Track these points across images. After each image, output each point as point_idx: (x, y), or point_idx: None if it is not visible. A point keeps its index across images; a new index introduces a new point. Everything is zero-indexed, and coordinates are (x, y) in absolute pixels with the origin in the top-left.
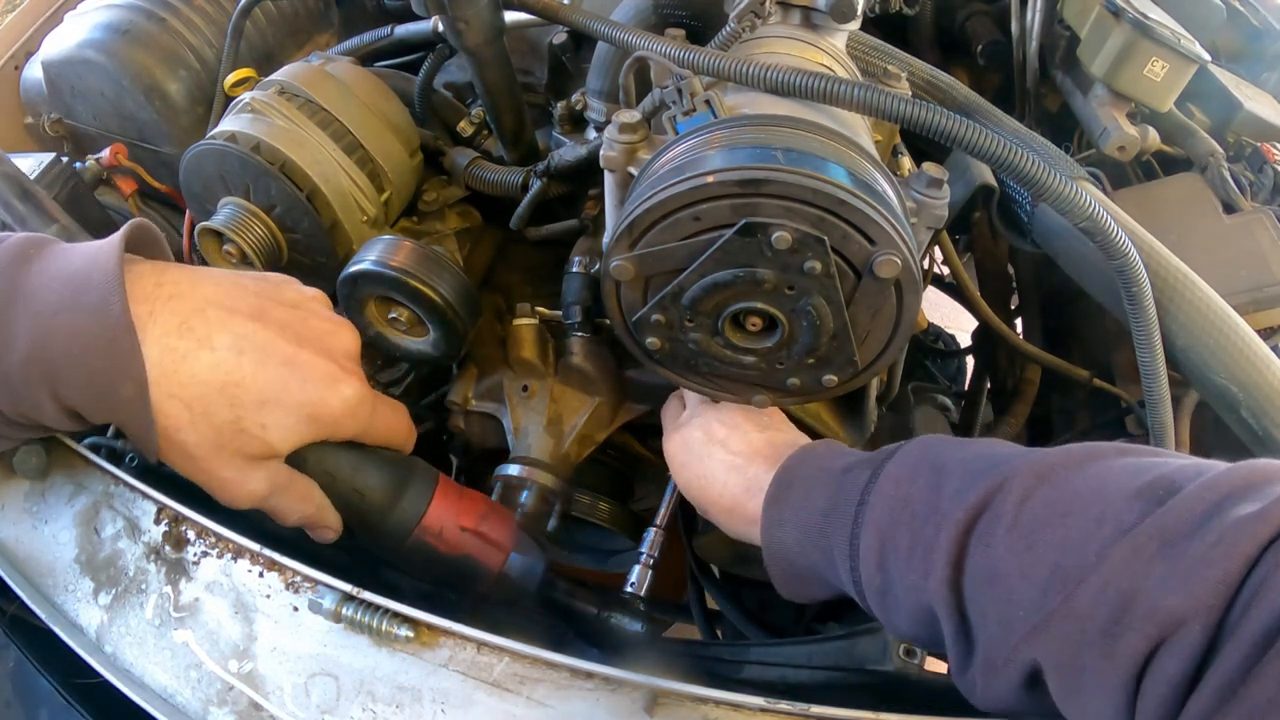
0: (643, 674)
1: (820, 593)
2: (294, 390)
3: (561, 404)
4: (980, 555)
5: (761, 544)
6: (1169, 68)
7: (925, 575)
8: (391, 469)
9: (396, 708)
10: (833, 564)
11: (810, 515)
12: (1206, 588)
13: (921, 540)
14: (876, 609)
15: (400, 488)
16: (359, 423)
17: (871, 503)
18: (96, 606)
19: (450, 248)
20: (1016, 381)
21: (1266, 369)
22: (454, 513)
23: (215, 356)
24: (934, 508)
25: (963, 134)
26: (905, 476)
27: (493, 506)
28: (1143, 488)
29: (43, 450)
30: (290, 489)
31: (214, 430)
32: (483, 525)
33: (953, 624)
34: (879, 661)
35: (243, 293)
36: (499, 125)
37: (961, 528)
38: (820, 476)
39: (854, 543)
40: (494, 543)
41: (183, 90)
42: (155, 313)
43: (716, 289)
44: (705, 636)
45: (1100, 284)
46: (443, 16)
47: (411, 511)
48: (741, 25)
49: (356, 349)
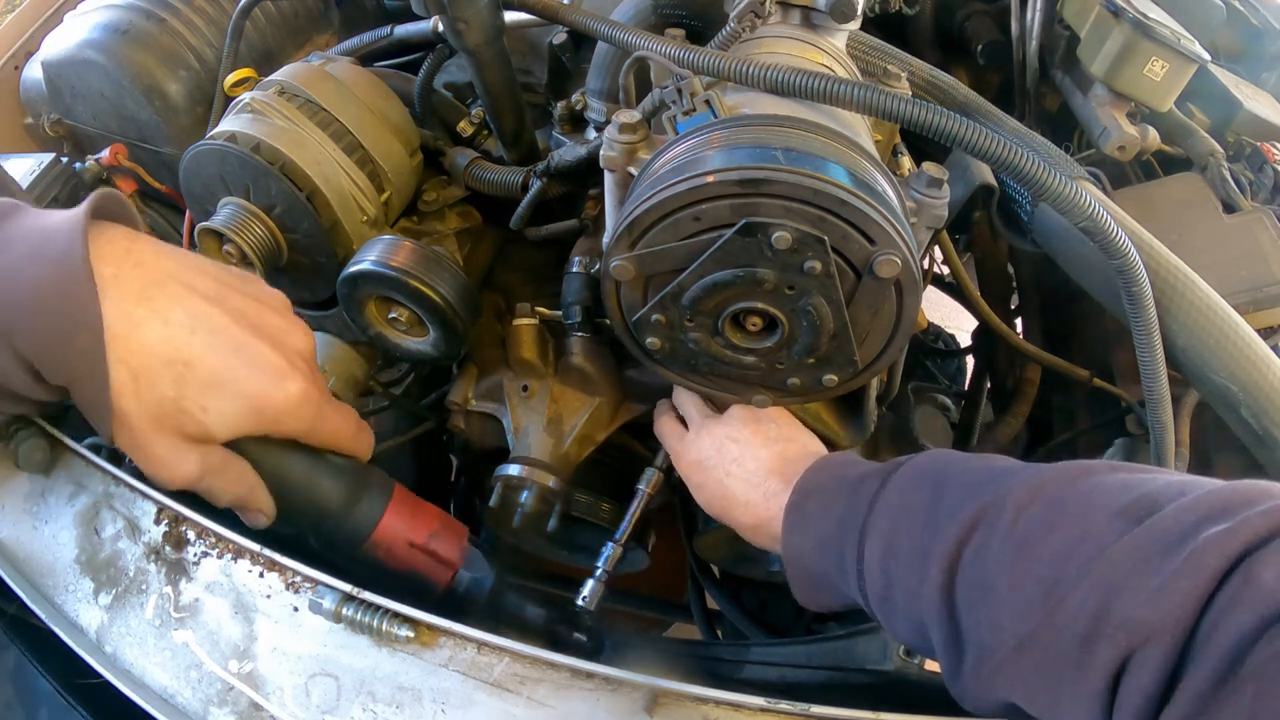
0: (643, 674)
1: (835, 601)
2: (240, 378)
3: (561, 404)
4: (973, 566)
5: (782, 554)
6: (1169, 68)
7: (921, 581)
8: (346, 479)
9: (397, 708)
10: (844, 571)
11: (826, 524)
12: (1175, 599)
13: (919, 547)
14: (879, 614)
15: (353, 499)
16: (302, 422)
17: (878, 510)
18: (97, 607)
19: (450, 248)
20: (1016, 381)
21: (1266, 368)
22: (405, 528)
23: (168, 331)
24: (933, 517)
25: (963, 134)
26: (910, 486)
27: (445, 522)
28: (1126, 506)
29: (47, 445)
30: (224, 472)
31: (155, 404)
32: (432, 543)
33: (944, 630)
34: (879, 661)
35: (204, 275)
36: (499, 125)
37: (957, 538)
38: (836, 486)
39: (861, 549)
40: (442, 560)
41: (183, 90)
42: (120, 276)
43: (716, 289)
44: (705, 636)
45: (1100, 284)
46: (443, 16)
47: (363, 524)
48: (741, 25)
49: (310, 351)
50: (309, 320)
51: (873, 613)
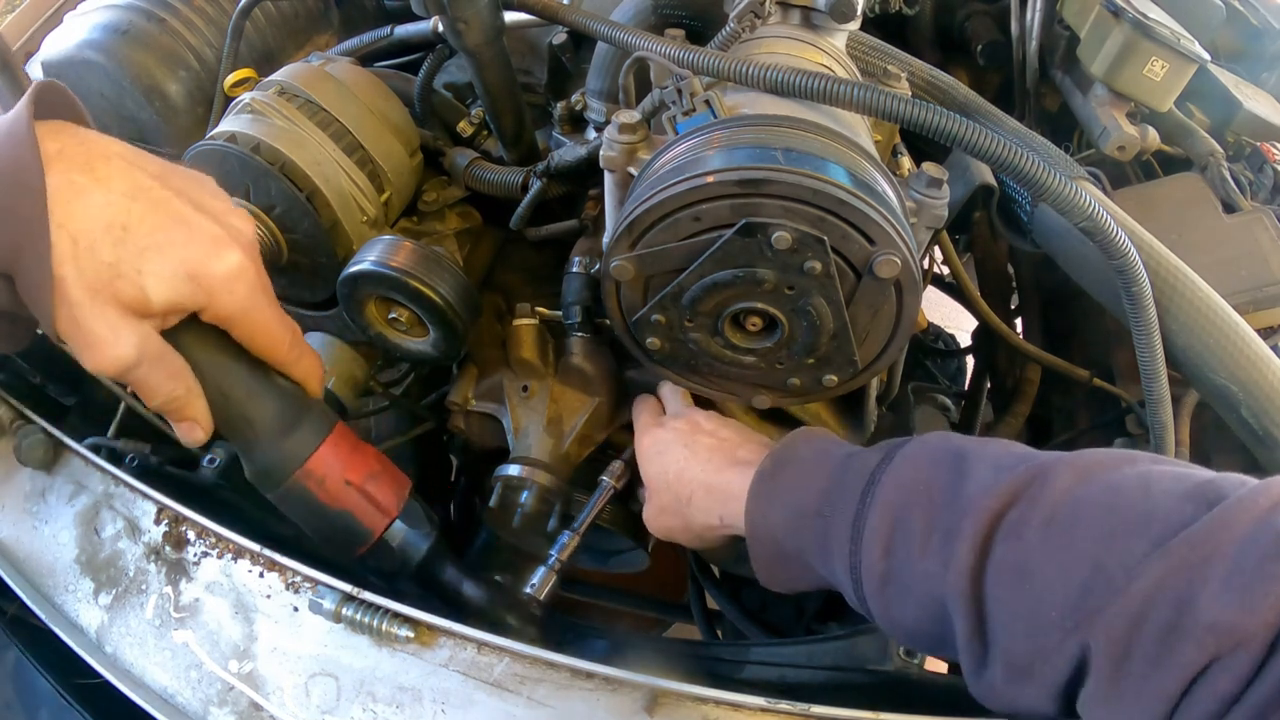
0: (643, 674)
1: (803, 582)
2: (178, 243)
3: (561, 404)
4: (1009, 548)
5: (745, 523)
6: (1169, 68)
7: (945, 564)
8: (287, 401)
9: (397, 708)
10: (825, 548)
11: (805, 495)
12: (1267, 603)
13: (940, 526)
14: (874, 600)
15: (292, 423)
16: (238, 300)
17: (883, 483)
18: (97, 607)
19: (450, 248)
20: (1016, 381)
21: (1266, 368)
22: (341, 463)
23: (109, 197)
24: (957, 494)
25: (963, 134)
26: (924, 461)
27: (386, 468)
28: (1190, 491)
29: (48, 441)
30: (161, 362)
31: (94, 271)
32: (369, 484)
33: (969, 620)
34: (879, 661)
35: (148, 158)
36: (499, 125)
37: (989, 517)
38: (821, 458)
39: (858, 523)
40: (377, 504)
41: (183, 90)
42: (65, 151)
43: (716, 289)
44: (705, 636)
45: (1100, 284)
46: (443, 16)
47: (299, 450)
48: (741, 25)
49: (252, 235)
50: (309, 320)
51: (861, 598)
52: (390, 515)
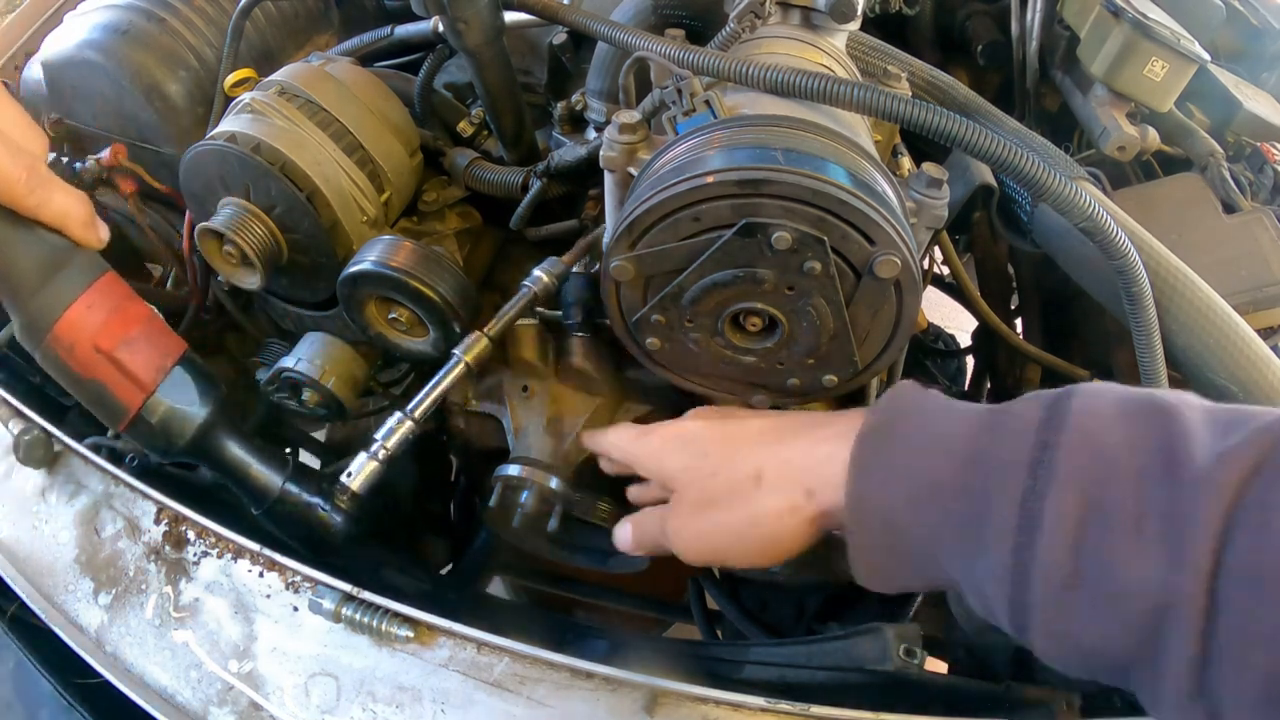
0: (643, 674)
1: (918, 580)
2: None
3: (561, 404)
4: (1247, 545)
5: (847, 507)
6: (1169, 68)
7: (1173, 565)
8: (46, 249)
9: (396, 708)
10: (968, 536)
11: (937, 463)
12: None
13: (1156, 508)
14: (1044, 608)
15: (48, 273)
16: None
17: (1063, 447)
18: (97, 606)
19: (450, 248)
20: (1016, 381)
21: (1266, 368)
22: (95, 326)
23: None
24: (1174, 463)
25: (963, 134)
26: (1113, 417)
27: (149, 332)
28: None
29: (49, 441)
30: None
31: None
32: (122, 351)
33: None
34: (879, 661)
35: None
36: (499, 125)
37: (1231, 495)
38: (951, 415)
39: (1030, 505)
40: (130, 375)
41: (183, 90)
42: None
43: (716, 289)
44: (705, 636)
45: (1100, 284)
46: (443, 17)
47: (51, 308)
48: (741, 25)
49: (43, 149)
50: (309, 320)
51: (1019, 605)
52: (145, 390)
